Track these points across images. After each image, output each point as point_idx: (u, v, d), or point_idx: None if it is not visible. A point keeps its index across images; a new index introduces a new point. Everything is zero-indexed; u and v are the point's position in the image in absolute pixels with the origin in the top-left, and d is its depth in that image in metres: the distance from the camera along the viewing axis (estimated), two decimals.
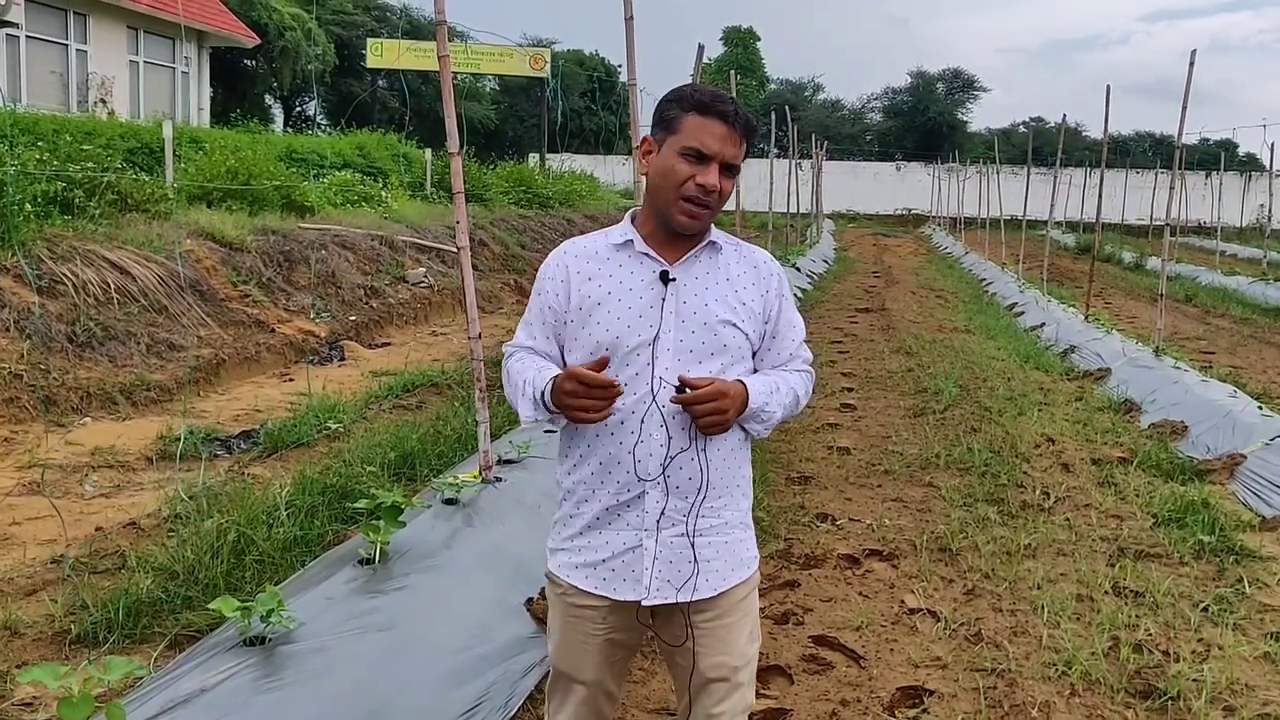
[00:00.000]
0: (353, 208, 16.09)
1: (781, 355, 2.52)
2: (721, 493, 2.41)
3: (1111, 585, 4.95)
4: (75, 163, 11.02)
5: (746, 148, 2.39)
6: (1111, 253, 28.97)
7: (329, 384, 9.01)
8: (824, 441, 7.65)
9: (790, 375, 2.51)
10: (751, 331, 2.44)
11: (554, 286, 2.46)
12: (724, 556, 2.43)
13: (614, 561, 2.39)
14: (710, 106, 2.32)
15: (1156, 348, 10.39)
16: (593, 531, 2.42)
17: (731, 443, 2.42)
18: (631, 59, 6.13)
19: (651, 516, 2.36)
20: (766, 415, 2.40)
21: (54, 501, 5.50)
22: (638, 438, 2.34)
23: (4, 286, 8.35)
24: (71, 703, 2.54)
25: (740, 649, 2.48)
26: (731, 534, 2.45)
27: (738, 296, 2.42)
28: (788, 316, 2.53)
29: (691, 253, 2.41)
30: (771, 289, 2.49)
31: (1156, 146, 58.06)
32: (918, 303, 17.48)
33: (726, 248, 2.48)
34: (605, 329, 2.37)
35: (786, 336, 2.52)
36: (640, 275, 2.39)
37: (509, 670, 3.56)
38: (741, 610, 2.48)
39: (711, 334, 2.37)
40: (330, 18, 39.70)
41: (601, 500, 2.40)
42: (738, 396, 2.32)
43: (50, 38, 20.49)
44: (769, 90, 61.80)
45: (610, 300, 2.38)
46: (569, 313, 2.43)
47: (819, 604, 4.70)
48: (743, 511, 2.49)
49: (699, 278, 2.40)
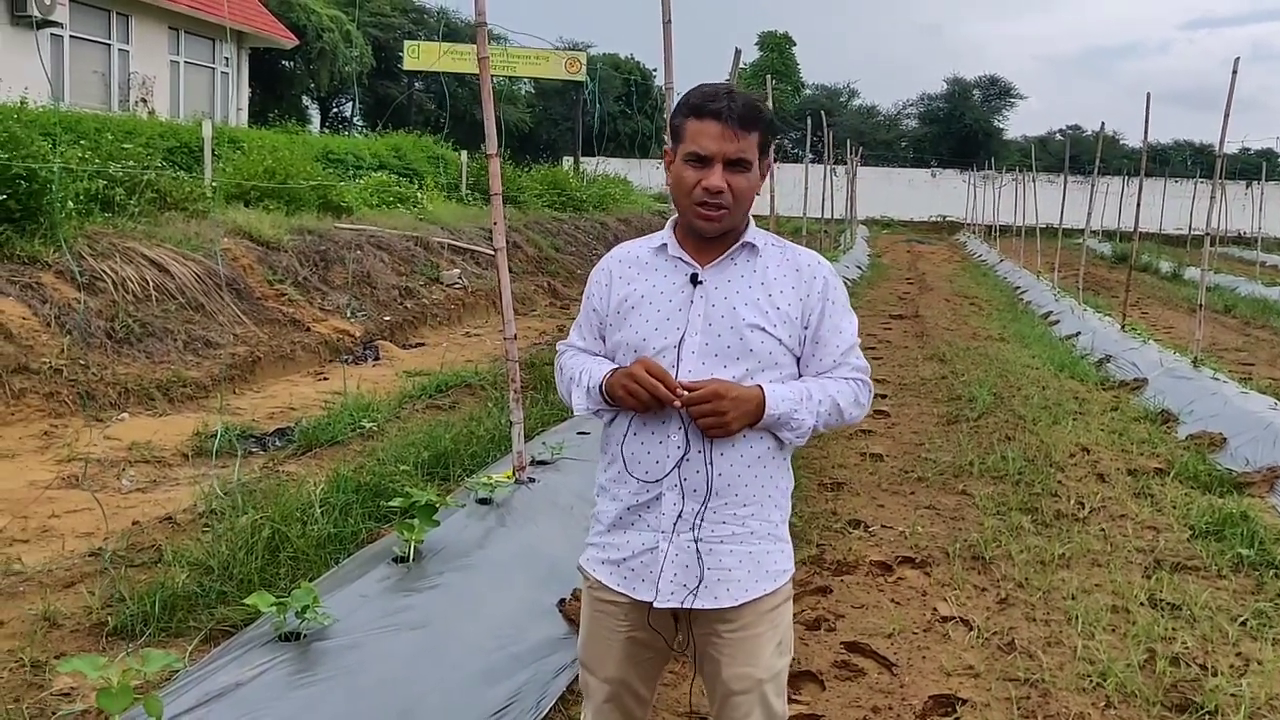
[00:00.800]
0: (388, 209, 16.21)
1: (825, 362, 2.42)
2: (747, 501, 2.37)
3: (1148, 597, 4.89)
4: (116, 161, 11.16)
5: (762, 135, 2.32)
6: (1149, 262, 28.70)
7: (363, 383, 9.06)
8: (857, 448, 7.62)
9: (832, 383, 2.41)
10: (786, 336, 2.36)
11: (598, 290, 2.50)
12: (748, 566, 2.38)
13: (633, 561, 2.40)
14: (702, 108, 2.29)
15: (1195, 358, 10.27)
16: (617, 530, 2.43)
17: (758, 451, 2.36)
18: (669, 63, 6.13)
19: (668, 519, 2.35)
20: (796, 423, 2.33)
21: (94, 495, 5.56)
22: (657, 439, 2.35)
23: (46, 282, 8.46)
24: (110, 694, 2.56)
25: (766, 661, 2.43)
26: (758, 545, 2.39)
27: (771, 301, 2.36)
28: (833, 322, 2.41)
29: (726, 255, 2.38)
30: (814, 292, 2.40)
31: (1196, 155, 57.44)
32: (952, 310, 17.38)
33: (769, 249, 2.42)
34: (635, 330, 2.38)
35: (830, 343, 2.41)
36: (673, 278, 2.40)
37: (540, 671, 3.57)
38: (769, 622, 2.43)
39: (738, 338, 2.33)
40: (368, 20, 40.00)
41: (624, 499, 2.41)
42: (744, 400, 2.27)
43: (93, 37, 20.76)
44: (804, 95, 61.59)
45: (643, 304, 2.40)
46: (609, 315, 2.46)
47: (851, 610, 4.68)
48: (773, 523, 2.42)
49: (731, 280, 2.37)
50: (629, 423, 2.38)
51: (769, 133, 2.35)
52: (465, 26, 41.93)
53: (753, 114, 2.30)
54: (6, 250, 8.54)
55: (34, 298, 8.20)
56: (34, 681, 3.65)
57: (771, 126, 2.37)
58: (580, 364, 2.47)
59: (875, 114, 64.60)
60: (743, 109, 2.29)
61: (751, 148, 2.30)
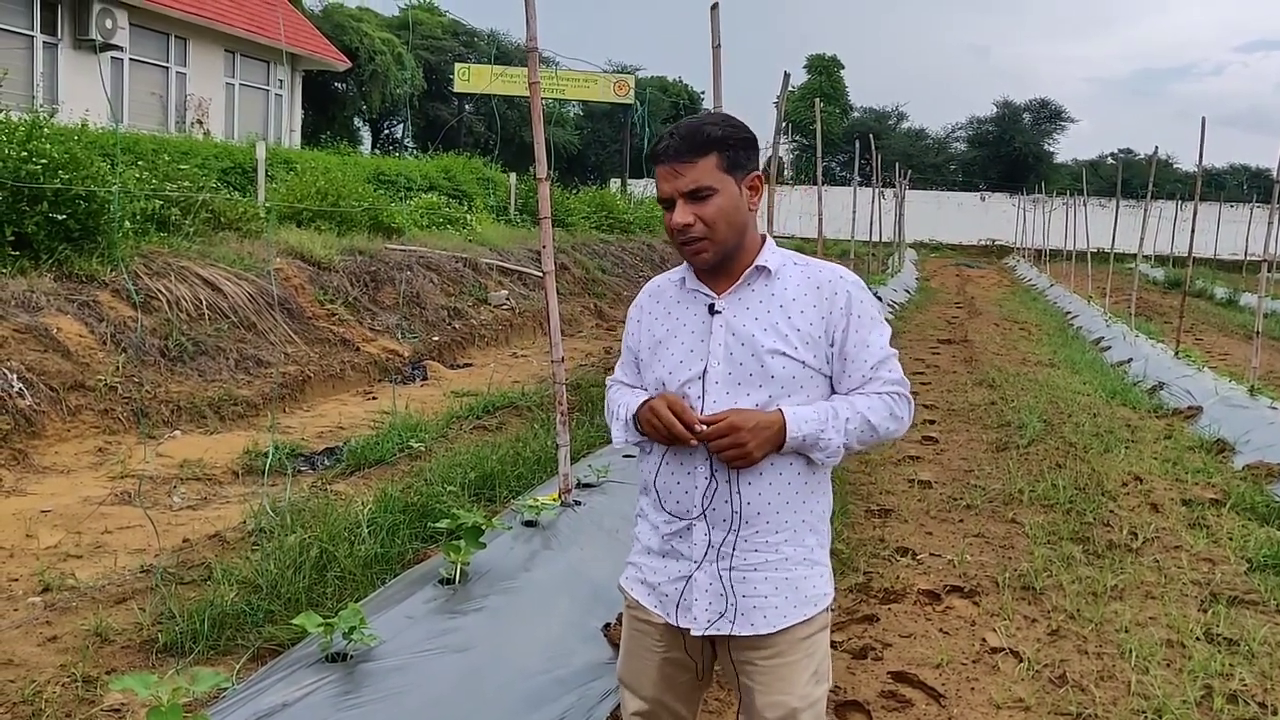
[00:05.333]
0: (438, 230, 16.34)
1: (855, 378, 2.36)
2: (780, 528, 2.35)
3: (1204, 631, 4.79)
4: (172, 181, 11.35)
5: (721, 154, 2.25)
6: (1203, 288, 28.29)
7: (411, 403, 9.12)
8: (904, 474, 7.55)
9: (862, 399, 2.35)
10: (811, 358, 2.32)
11: (633, 328, 2.55)
12: (785, 593, 2.36)
13: (668, 587, 2.41)
14: (654, 154, 2.31)
15: (1251, 386, 10.08)
16: (654, 555, 2.46)
17: (788, 476, 2.34)
18: (718, 85, 6.15)
19: (699, 549, 2.36)
20: (824, 443, 2.28)
21: (147, 512, 5.63)
22: (685, 470, 2.36)
23: (103, 301, 8.61)
24: (160, 712, 2.58)
25: (801, 689, 2.39)
26: (793, 570, 2.37)
27: (790, 323, 2.32)
28: (859, 337, 2.35)
29: (741, 281, 2.36)
30: (836, 309, 2.33)
31: (1252, 179, 56.57)
32: (1001, 335, 17.21)
33: (787, 269, 2.38)
34: (664, 365, 2.41)
35: (858, 358, 2.35)
36: (693, 310, 2.41)
37: (585, 695, 3.56)
38: (804, 649, 2.40)
39: (758, 364, 2.30)
40: (420, 42, 40.48)
41: (660, 528, 2.43)
42: (764, 427, 2.24)
43: (152, 60, 21.17)
44: (852, 118, 61.44)
45: (669, 338, 2.42)
46: (641, 352, 2.50)
47: (898, 639, 4.62)
48: (808, 548, 2.39)
49: (749, 307, 2.35)
50: (661, 455, 2.41)
51: (729, 149, 2.27)
52: (515, 50, 42.37)
53: (697, 139, 2.26)
54: (65, 269, 8.71)
55: (91, 316, 8.34)
56: (85, 697, 3.70)
57: (730, 142, 2.28)
58: (621, 398, 2.51)
59: (924, 137, 64.23)
60: (682, 140, 2.27)
61: (705, 173, 2.25)
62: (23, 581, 4.90)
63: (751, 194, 2.33)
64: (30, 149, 8.61)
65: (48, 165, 8.59)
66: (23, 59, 17.95)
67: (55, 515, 5.92)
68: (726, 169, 2.27)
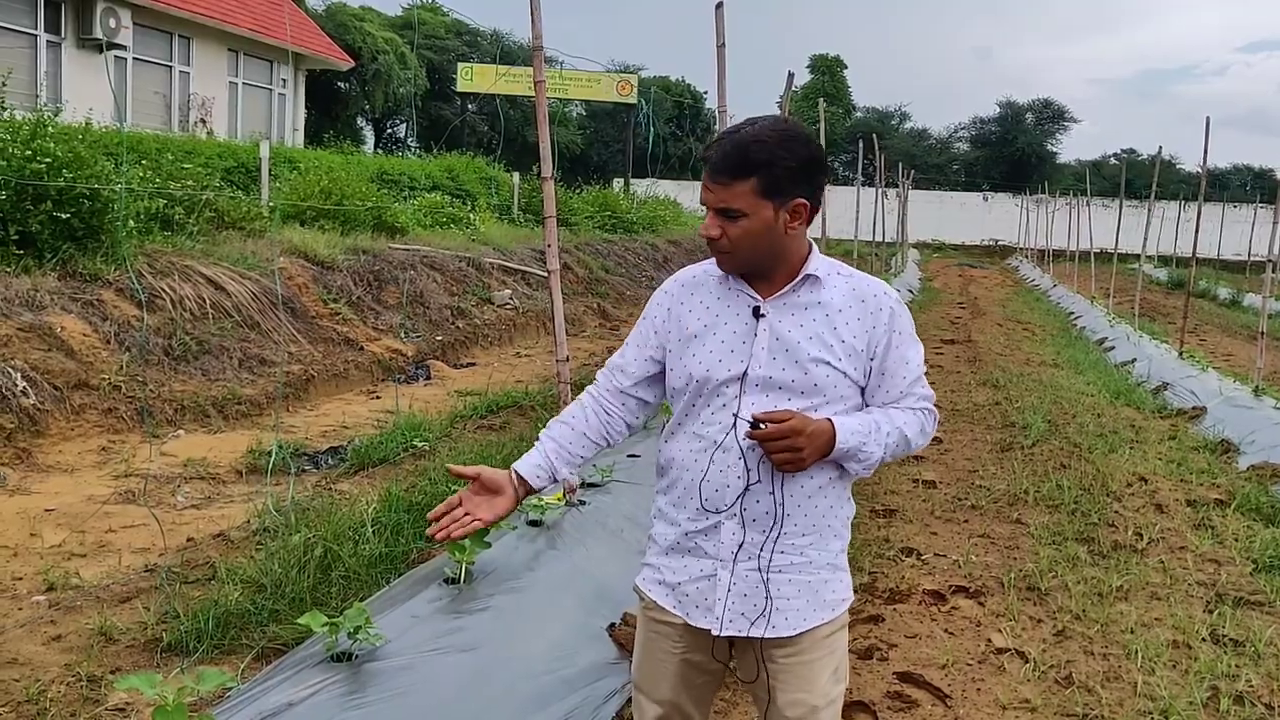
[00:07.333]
0: (441, 229, 16.34)
1: (892, 393, 2.38)
2: (806, 531, 2.34)
3: (1209, 632, 4.78)
4: (176, 180, 11.35)
5: (760, 180, 2.19)
6: (1206, 288, 28.24)
7: (415, 402, 9.11)
8: (909, 475, 7.54)
9: (899, 413, 2.38)
10: (852, 370, 2.32)
11: (659, 312, 2.49)
12: (806, 596, 2.36)
13: (689, 586, 2.39)
14: (703, 156, 2.28)
15: (1256, 387, 10.07)
16: (674, 554, 2.42)
17: (820, 481, 2.33)
18: (722, 85, 6.14)
19: (728, 548, 2.33)
20: (864, 455, 2.30)
21: (152, 511, 5.63)
22: (717, 468, 2.32)
23: (107, 300, 8.61)
24: (166, 711, 2.58)
25: (821, 688, 2.39)
26: (816, 574, 2.37)
27: (836, 334, 2.32)
28: (900, 352, 2.36)
29: (789, 287, 2.34)
30: (880, 324, 2.34)
31: (1256, 180, 56.51)
32: (1004, 335, 17.19)
33: (832, 279, 2.37)
34: (699, 361, 2.36)
35: (897, 374, 2.37)
36: (735, 309, 2.37)
37: (591, 695, 3.55)
38: (825, 648, 2.40)
39: (802, 372, 2.29)
40: (423, 42, 40.52)
41: (682, 525, 2.39)
42: (818, 435, 2.24)
43: (156, 59, 21.17)
44: (855, 118, 61.36)
45: (706, 333, 2.38)
46: (669, 342, 2.45)
47: (903, 640, 4.61)
48: (832, 553, 2.39)
49: (795, 314, 2.33)
50: (690, 450, 2.37)
51: (773, 174, 2.20)
52: (518, 49, 42.36)
53: (739, 161, 2.21)
54: (69, 268, 8.72)
55: (95, 315, 8.35)
56: (90, 696, 3.69)
57: (776, 167, 2.20)
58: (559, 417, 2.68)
59: (927, 137, 64.17)
60: (724, 157, 2.22)
61: (738, 196, 2.21)
62: (27, 580, 4.90)
63: (791, 219, 2.26)
64: (35, 148, 8.61)
65: (52, 164, 8.60)
66: (27, 58, 17.96)
67: (59, 514, 5.92)
68: (764, 194, 2.21)
